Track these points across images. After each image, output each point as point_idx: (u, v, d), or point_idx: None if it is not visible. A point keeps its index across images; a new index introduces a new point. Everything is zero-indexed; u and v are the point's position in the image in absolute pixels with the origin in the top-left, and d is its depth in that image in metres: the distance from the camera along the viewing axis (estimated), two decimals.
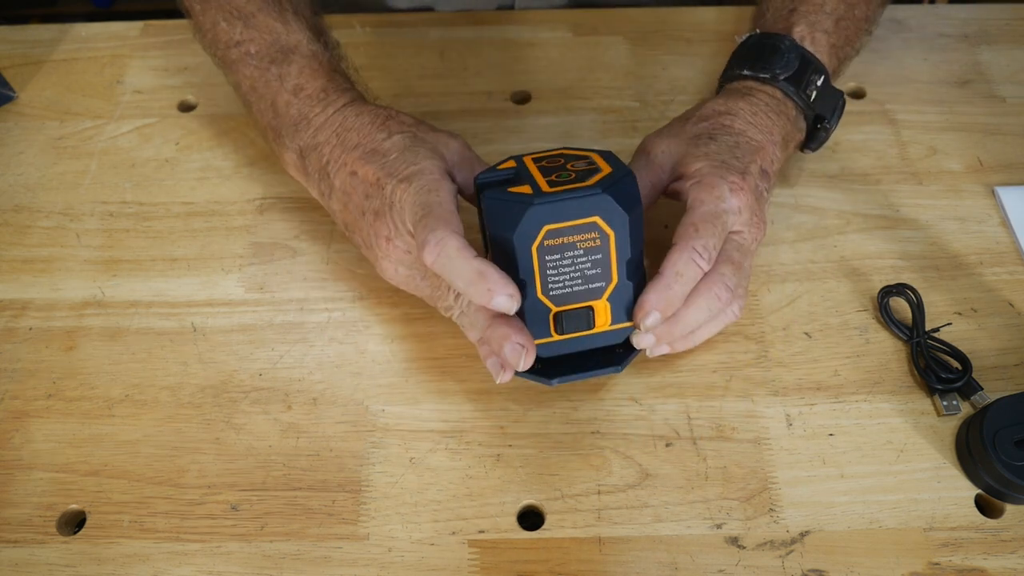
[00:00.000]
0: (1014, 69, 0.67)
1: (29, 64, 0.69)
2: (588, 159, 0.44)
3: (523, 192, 0.41)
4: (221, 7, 0.51)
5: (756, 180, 0.47)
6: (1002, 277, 0.55)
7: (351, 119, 0.48)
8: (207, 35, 0.52)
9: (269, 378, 0.51)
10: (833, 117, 0.53)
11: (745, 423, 0.49)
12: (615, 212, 0.41)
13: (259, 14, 0.50)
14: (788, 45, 0.52)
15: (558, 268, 0.41)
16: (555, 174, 0.42)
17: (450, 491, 0.46)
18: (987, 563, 0.44)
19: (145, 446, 0.48)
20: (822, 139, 0.54)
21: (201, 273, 0.56)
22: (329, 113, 0.48)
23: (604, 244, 0.41)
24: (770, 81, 0.51)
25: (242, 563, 0.44)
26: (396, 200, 0.43)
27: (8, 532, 0.45)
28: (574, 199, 0.40)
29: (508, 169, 0.44)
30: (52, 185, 0.61)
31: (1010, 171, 0.60)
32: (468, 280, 0.39)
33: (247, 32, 0.50)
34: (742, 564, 0.44)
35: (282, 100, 0.49)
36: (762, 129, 0.49)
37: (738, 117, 0.49)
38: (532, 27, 0.71)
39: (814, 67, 0.52)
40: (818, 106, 0.52)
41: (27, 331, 0.53)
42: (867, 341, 0.52)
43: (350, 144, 0.47)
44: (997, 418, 0.45)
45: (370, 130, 0.47)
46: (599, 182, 0.40)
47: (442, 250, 0.39)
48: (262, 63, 0.50)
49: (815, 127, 0.53)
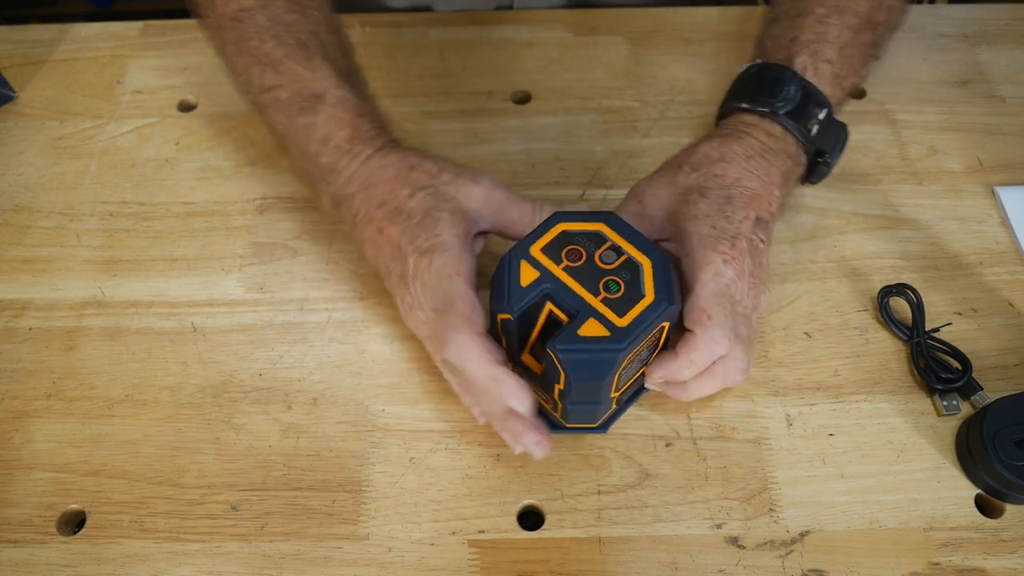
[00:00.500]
0: (1014, 69, 0.67)
1: (29, 64, 0.68)
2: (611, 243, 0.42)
3: (600, 336, 0.39)
4: (251, 52, 0.51)
5: (749, 236, 0.45)
6: (1002, 277, 0.55)
7: (376, 173, 0.48)
8: (240, 78, 0.52)
9: (269, 378, 0.51)
10: (835, 151, 0.51)
11: (745, 423, 0.49)
12: (675, 312, 0.41)
13: (286, 60, 0.50)
14: (789, 77, 0.49)
15: (628, 370, 0.42)
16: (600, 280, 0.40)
17: (450, 491, 0.46)
18: (987, 563, 0.44)
19: (145, 446, 0.48)
20: (823, 173, 0.52)
21: (201, 273, 0.56)
22: (355, 166, 0.48)
23: (660, 332, 0.42)
24: (769, 116, 0.49)
25: (242, 563, 0.44)
26: (418, 274, 0.45)
27: (8, 532, 0.45)
28: (650, 323, 0.39)
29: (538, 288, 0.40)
30: (52, 185, 0.61)
31: (1010, 171, 0.60)
32: (484, 385, 0.41)
33: (276, 78, 0.50)
34: (742, 564, 0.44)
35: (312, 149, 0.49)
36: (758, 174, 0.47)
37: (732, 164, 0.47)
38: (532, 27, 0.71)
39: (816, 100, 0.49)
40: (820, 140, 0.50)
41: (27, 331, 0.53)
42: (867, 341, 0.52)
43: (376, 201, 0.47)
44: (997, 418, 0.45)
45: (394, 185, 0.47)
46: (658, 290, 0.40)
47: (463, 354, 0.41)
48: (291, 111, 0.50)
49: (815, 161, 0.51)
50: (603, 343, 0.39)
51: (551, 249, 0.41)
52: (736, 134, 0.49)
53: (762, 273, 0.46)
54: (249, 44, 0.50)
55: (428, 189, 0.47)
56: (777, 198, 0.48)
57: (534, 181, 0.60)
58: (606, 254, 0.41)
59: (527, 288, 0.40)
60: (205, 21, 0.54)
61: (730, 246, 0.44)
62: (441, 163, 0.49)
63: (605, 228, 0.42)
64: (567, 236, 0.42)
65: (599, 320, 0.39)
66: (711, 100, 0.65)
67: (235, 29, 0.51)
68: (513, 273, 0.41)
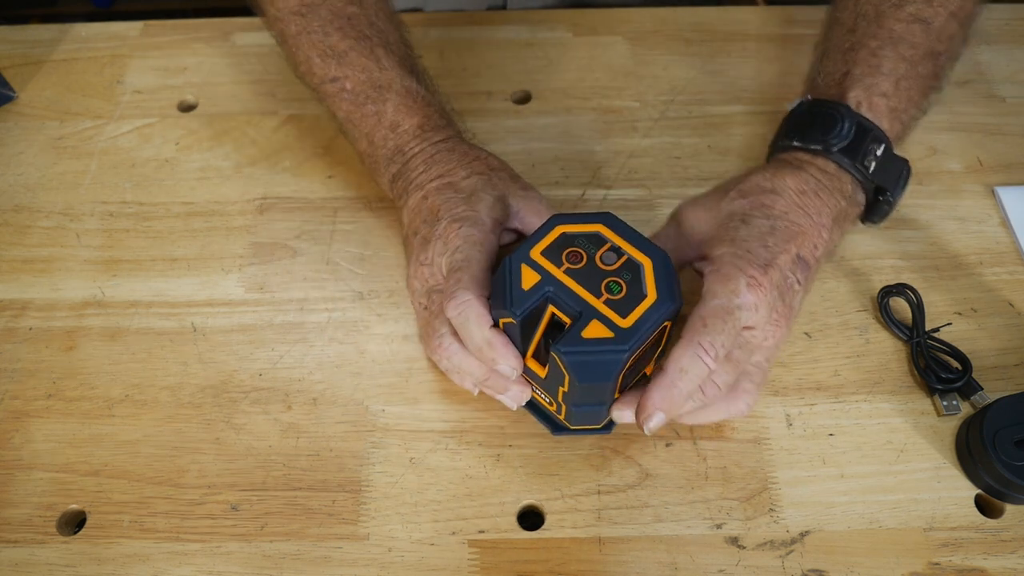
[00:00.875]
0: (1014, 69, 0.67)
1: (29, 64, 0.69)
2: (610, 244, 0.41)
3: (604, 337, 0.38)
4: (314, 44, 0.52)
5: (784, 272, 0.43)
6: (1002, 277, 0.55)
7: (443, 153, 0.50)
8: (300, 67, 0.54)
9: (269, 378, 0.51)
10: (897, 188, 0.48)
11: (745, 423, 0.49)
12: (678, 311, 0.41)
13: (351, 52, 0.52)
14: (843, 113, 0.47)
15: (633, 370, 0.42)
16: (602, 281, 0.40)
17: (450, 491, 0.46)
18: (987, 563, 0.44)
19: (145, 446, 0.48)
20: (885, 212, 0.49)
21: (201, 273, 0.56)
22: (424, 146, 0.51)
23: (662, 333, 0.42)
24: (823, 153, 0.47)
25: (242, 563, 0.44)
26: (443, 235, 0.46)
27: (8, 532, 0.45)
28: (653, 323, 0.39)
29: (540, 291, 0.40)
30: (52, 185, 0.61)
31: (1010, 171, 0.60)
32: (477, 345, 0.42)
33: (341, 69, 0.52)
34: (742, 564, 0.44)
35: (379, 136, 0.52)
36: (809, 211, 0.45)
37: (782, 197, 0.45)
38: (531, 27, 0.71)
39: (873, 136, 0.47)
40: (878, 177, 0.47)
41: (27, 331, 0.53)
42: (867, 341, 0.52)
43: (433, 174, 0.49)
44: (997, 418, 0.45)
45: (454, 165, 0.49)
46: (659, 290, 0.40)
47: (463, 311, 0.42)
48: (357, 100, 0.52)
49: (876, 199, 0.48)
50: (607, 344, 0.38)
51: (551, 252, 0.41)
52: (791, 167, 0.47)
53: (789, 315, 0.43)
54: (312, 37, 0.52)
55: (483, 176, 0.49)
56: (824, 240, 0.45)
57: (534, 181, 0.60)
58: (607, 255, 0.41)
59: (529, 291, 0.40)
60: (267, 15, 0.55)
61: (760, 272, 0.42)
62: (504, 163, 0.51)
63: (604, 229, 0.42)
64: (567, 238, 0.42)
65: (602, 321, 0.39)
66: (711, 100, 0.65)
67: (298, 23, 0.53)
68: (514, 276, 0.40)
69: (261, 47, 0.69)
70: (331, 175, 0.61)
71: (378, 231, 0.58)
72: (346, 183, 0.60)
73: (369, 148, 0.52)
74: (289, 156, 0.62)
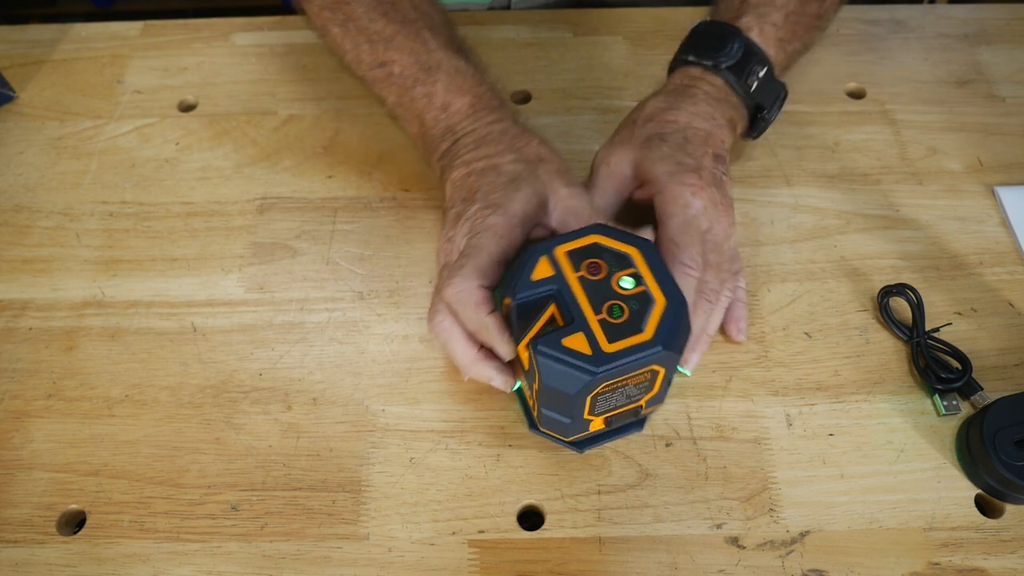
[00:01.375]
0: (1014, 69, 0.67)
1: (29, 64, 0.69)
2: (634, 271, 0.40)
3: (581, 352, 0.38)
4: (361, 31, 0.53)
5: (711, 170, 0.49)
6: (1002, 277, 0.55)
7: (495, 134, 0.50)
8: (347, 55, 0.54)
9: (269, 378, 0.51)
10: (773, 107, 0.54)
11: (745, 423, 0.49)
12: (671, 359, 0.40)
13: (398, 36, 0.52)
14: (733, 33, 0.53)
15: (608, 400, 0.41)
16: (606, 302, 0.39)
17: (450, 491, 0.46)
18: (987, 563, 0.44)
19: (145, 446, 0.48)
20: (761, 128, 0.55)
21: (201, 273, 0.56)
22: (476, 126, 0.51)
23: (654, 377, 0.41)
24: (712, 69, 0.52)
25: (242, 563, 0.44)
26: (472, 217, 0.46)
27: (8, 532, 0.45)
28: (635, 360, 0.38)
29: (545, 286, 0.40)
30: (52, 185, 0.61)
31: (1010, 171, 0.60)
32: (473, 328, 0.43)
33: (388, 54, 0.52)
34: (742, 564, 0.44)
35: (430, 116, 0.52)
36: (706, 117, 0.51)
37: (681, 111, 0.51)
38: (531, 27, 0.71)
39: (758, 58, 0.53)
40: (759, 96, 0.53)
41: (27, 331, 0.53)
42: (867, 341, 0.52)
43: (481, 154, 0.50)
44: (997, 418, 0.45)
45: (503, 148, 0.49)
46: (658, 331, 0.38)
47: (460, 298, 0.43)
48: (407, 83, 0.52)
49: (755, 116, 0.54)
50: (580, 360, 0.38)
51: (576, 255, 0.41)
52: (680, 88, 0.53)
53: (729, 204, 0.49)
54: (358, 24, 0.53)
55: (529, 165, 0.49)
56: (726, 138, 0.51)
57: None
58: (625, 279, 0.40)
59: (535, 283, 0.40)
60: (310, 5, 0.55)
61: (696, 177, 0.47)
62: (554, 154, 0.50)
63: (636, 255, 0.41)
64: (597, 249, 0.41)
65: (588, 337, 0.38)
66: None
67: (342, 11, 0.53)
68: (529, 264, 0.41)
69: (261, 47, 0.69)
70: (331, 175, 0.61)
71: (378, 231, 0.58)
72: (346, 183, 0.60)
73: (421, 130, 0.52)
74: (289, 156, 0.62)
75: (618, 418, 0.44)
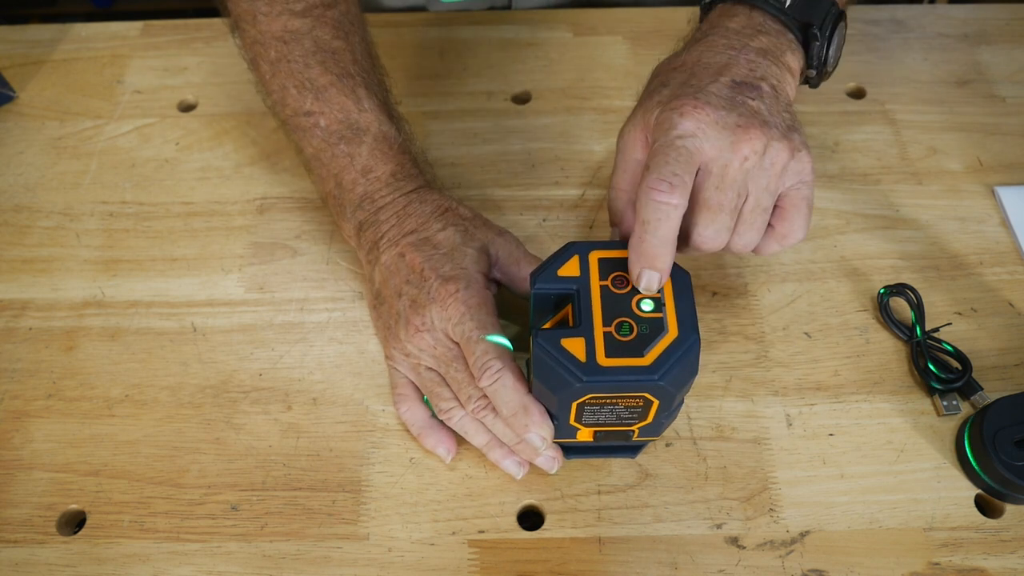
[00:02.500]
0: (1014, 69, 0.67)
1: (29, 64, 0.69)
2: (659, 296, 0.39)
3: (576, 357, 0.38)
4: (292, 74, 0.50)
5: (720, 94, 0.41)
6: (1002, 277, 0.55)
7: (414, 205, 0.49)
8: (273, 95, 0.52)
9: (269, 378, 0.51)
10: (825, 23, 0.45)
11: (745, 423, 0.49)
12: (666, 394, 0.38)
13: (331, 88, 0.50)
14: None
15: (596, 413, 0.41)
16: (618, 317, 0.39)
17: (450, 491, 0.46)
18: (987, 563, 0.44)
19: (145, 446, 0.48)
20: (818, 53, 0.46)
21: (201, 273, 0.56)
22: (395, 196, 0.49)
23: (647, 406, 0.40)
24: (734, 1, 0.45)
25: (242, 563, 0.44)
26: (439, 299, 0.45)
27: (8, 532, 0.45)
28: (626, 382, 0.37)
29: (565, 284, 0.40)
30: (52, 185, 0.61)
31: (1010, 171, 0.60)
32: (512, 411, 0.42)
33: (318, 104, 0.50)
34: (742, 564, 0.44)
35: (349, 178, 0.50)
36: (719, 51, 0.44)
37: (688, 53, 0.45)
38: (531, 27, 0.71)
39: None
40: (796, 11, 0.45)
41: (27, 331, 0.53)
42: (867, 341, 0.52)
43: (407, 228, 0.48)
44: (997, 418, 0.45)
45: (428, 219, 0.48)
46: (658, 360, 0.37)
47: (500, 379, 0.42)
48: (331, 138, 0.50)
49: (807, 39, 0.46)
50: (569, 363, 0.38)
51: (609, 264, 0.41)
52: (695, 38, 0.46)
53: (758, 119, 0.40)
54: (292, 66, 0.50)
55: (459, 227, 0.48)
56: (757, 65, 0.43)
57: (534, 181, 0.60)
58: (646, 302, 0.39)
59: (559, 278, 0.40)
60: (245, 35, 0.52)
61: (691, 100, 0.40)
62: (474, 211, 0.50)
63: (668, 282, 0.40)
64: None
65: (587, 345, 0.38)
66: None
67: (278, 49, 0.50)
68: (560, 259, 0.41)
69: None
70: None
71: None
72: None
73: (336, 190, 0.51)
74: (289, 156, 0.62)
75: (606, 436, 0.43)
